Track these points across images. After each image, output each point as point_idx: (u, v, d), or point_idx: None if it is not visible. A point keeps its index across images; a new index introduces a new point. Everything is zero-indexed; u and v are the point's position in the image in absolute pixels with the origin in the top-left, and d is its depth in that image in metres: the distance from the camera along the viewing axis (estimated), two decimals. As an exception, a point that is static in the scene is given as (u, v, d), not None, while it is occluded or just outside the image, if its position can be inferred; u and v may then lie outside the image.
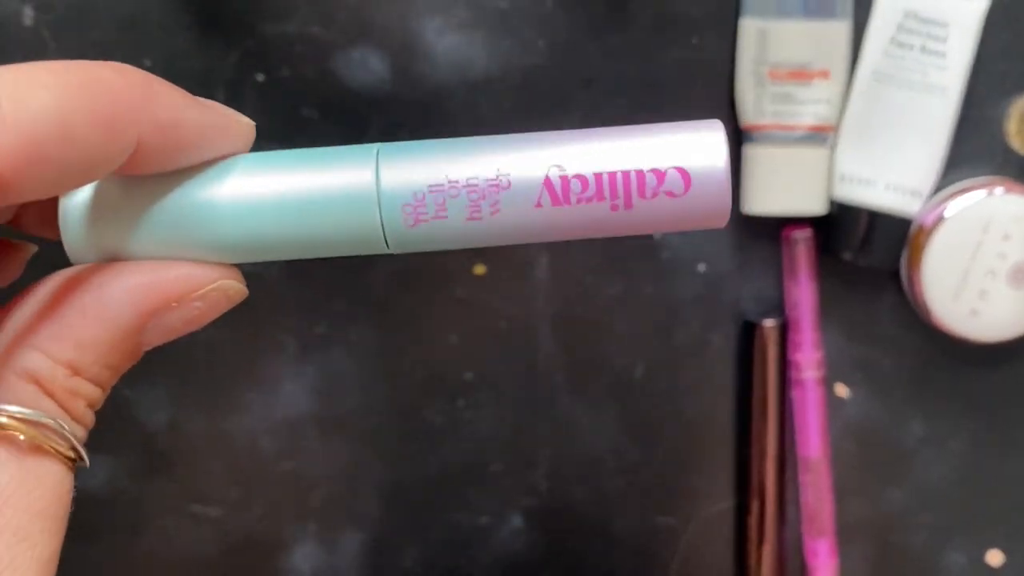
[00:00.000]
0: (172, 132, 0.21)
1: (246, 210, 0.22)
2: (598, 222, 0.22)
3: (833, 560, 0.42)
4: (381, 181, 0.22)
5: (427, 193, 0.22)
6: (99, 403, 0.22)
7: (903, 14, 0.38)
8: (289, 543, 0.42)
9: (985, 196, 0.38)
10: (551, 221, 0.22)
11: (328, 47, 0.38)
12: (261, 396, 0.41)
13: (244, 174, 0.22)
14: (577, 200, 0.22)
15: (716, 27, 0.39)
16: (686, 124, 0.23)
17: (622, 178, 0.22)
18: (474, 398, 0.42)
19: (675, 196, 0.22)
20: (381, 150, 0.23)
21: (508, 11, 0.39)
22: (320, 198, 0.22)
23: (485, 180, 0.22)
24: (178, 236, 0.22)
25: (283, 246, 0.23)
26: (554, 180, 0.22)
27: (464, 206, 0.22)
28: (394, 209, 0.22)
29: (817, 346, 0.41)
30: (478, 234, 0.22)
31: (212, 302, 0.22)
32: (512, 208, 0.22)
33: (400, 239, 0.22)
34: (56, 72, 0.18)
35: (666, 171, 0.22)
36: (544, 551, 0.43)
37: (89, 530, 0.42)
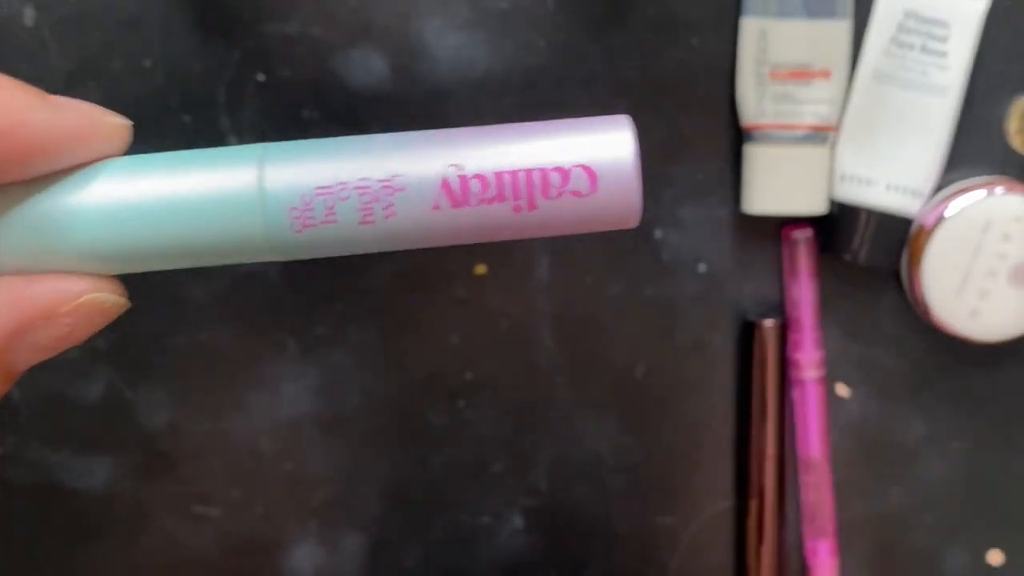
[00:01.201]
0: (15, 138, 0.19)
1: (118, 216, 0.20)
2: (501, 224, 0.21)
3: (833, 560, 0.42)
4: (265, 183, 0.20)
5: (314, 196, 0.20)
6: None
7: (903, 14, 0.38)
8: (290, 543, 0.42)
9: (985, 196, 0.38)
10: (450, 224, 0.21)
11: (329, 47, 0.39)
12: (262, 396, 0.41)
13: (115, 178, 0.21)
14: (478, 201, 0.20)
15: (716, 27, 0.39)
16: (593, 120, 0.21)
17: (524, 177, 0.20)
18: (475, 398, 0.42)
19: (581, 196, 0.20)
20: (267, 150, 0.21)
21: (509, 11, 0.39)
22: (199, 202, 0.20)
23: (378, 181, 0.20)
24: (45, 246, 0.20)
25: (160, 254, 0.21)
26: (452, 181, 0.20)
27: (355, 209, 0.20)
28: (279, 214, 0.20)
29: (818, 346, 0.41)
30: (372, 239, 0.21)
31: (84, 317, 0.21)
32: (408, 211, 0.20)
33: (287, 246, 0.21)
34: None
35: (571, 169, 0.20)
36: (544, 551, 0.43)
37: (90, 530, 0.42)
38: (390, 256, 0.40)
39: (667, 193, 0.40)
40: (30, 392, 0.40)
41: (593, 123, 0.21)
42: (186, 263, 0.21)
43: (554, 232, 0.21)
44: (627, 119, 0.21)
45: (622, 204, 0.21)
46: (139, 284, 0.40)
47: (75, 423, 0.41)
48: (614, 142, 0.21)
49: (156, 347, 0.40)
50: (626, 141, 0.21)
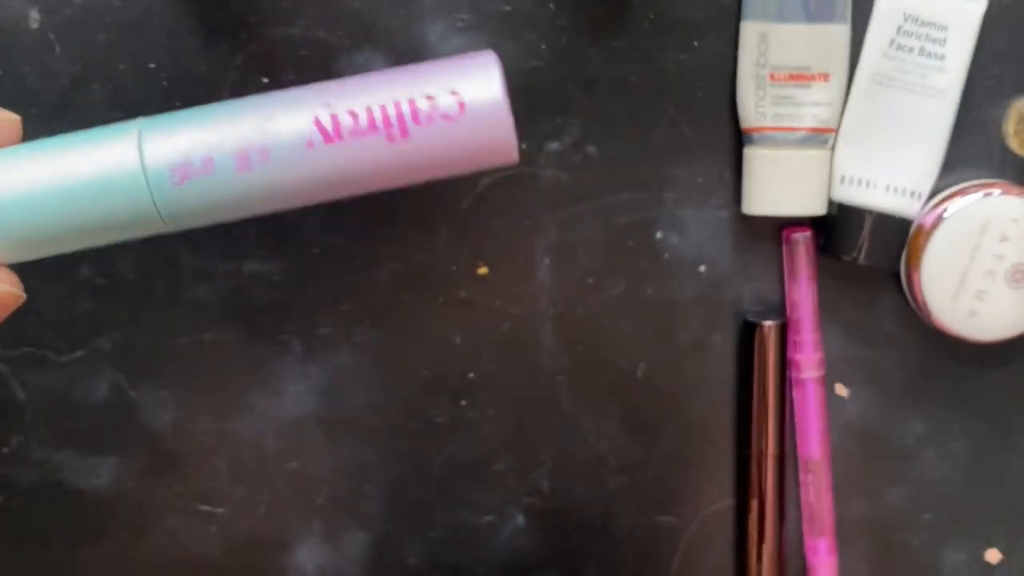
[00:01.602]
0: None
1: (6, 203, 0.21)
2: (378, 158, 0.21)
3: (833, 559, 0.42)
4: (144, 147, 0.21)
5: (192, 150, 0.21)
6: None
7: (902, 17, 0.38)
8: (293, 542, 0.42)
9: (983, 197, 0.38)
10: (327, 162, 0.21)
11: (333, 50, 0.39)
12: (265, 396, 0.41)
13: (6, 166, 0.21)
14: (350, 135, 0.21)
15: (717, 30, 0.39)
16: (459, 56, 0.22)
17: (394, 107, 0.21)
18: (477, 398, 0.42)
19: (451, 119, 0.21)
20: (144, 122, 0.21)
21: (511, 14, 0.39)
22: (80, 174, 0.21)
23: (251, 128, 0.21)
24: None
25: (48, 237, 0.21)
26: (323, 118, 0.21)
27: (232, 157, 0.21)
28: (159, 172, 0.21)
29: (817, 346, 0.41)
30: (253, 187, 0.21)
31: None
32: (283, 152, 0.21)
33: (171, 204, 0.21)
34: None
35: (437, 94, 0.21)
36: (546, 550, 0.43)
37: (94, 530, 0.42)
38: (393, 256, 0.41)
39: (668, 194, 0.40)
40: (35, 392, 0.40)
41: (459, 58, 0.21)
42: (84, 243, 0.21)
43: (435, 170, 0.21)
44: (492, 52, 0.21)
45: (494, 129, 0.21)
46: (142, 285, 0.41)
47: (80, 423, 0.41)
48: (480, 69, 0.21)
49: (160, 347, 0.40)
50: (491, 68, 0.21)
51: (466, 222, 0.40)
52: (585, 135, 0.40)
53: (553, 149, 0.40)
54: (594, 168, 0.40)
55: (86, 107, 0.38)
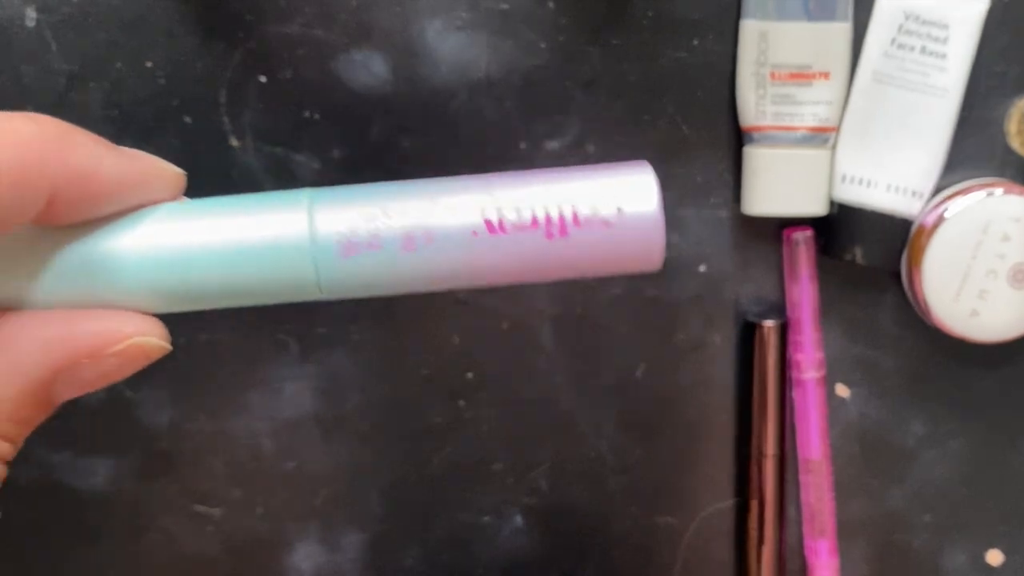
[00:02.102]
0: (89, 183, 0.20)
1: (169, 258, 0.21)
2: (535, 253, 0.22)
3: (834, 560, 0.42)
4: (314, 215, 0.22)
5: (360, 222, 0.21)
6: (10, 455, 0.21)
7: (903, 15, 0.38)
8: (291, 543, 0.42)
9: (985, 197, 0.38)
10: (488, 251, 0.22)
11: (330, 49, 0.39)
12: (263, 396, 0.41)
13: (167, 220, 0.22)
14: (513, 229, 0.22)
15: (717, 29, 0.39)
16: (619, 165, 0.23)
17: (557, 209, 0.22)
18: (475, 398, 0.42)
19: (609, 226, 0.22)
20: (315, 193, 0.22)
21: (509, 13, 0.39)
22: (249, 238, 0.21)
23: (419, 210, 0.22)
24: (95, 285, 0.21)
25: (208, 293, 0.22)
26: (489, 209, 0.22)
27: (399, 236, 0.21)
28: (327, 244, 0.21)
29: (818, 346, 0.41)
30: (413, 268, 0.22)
31: (128, 358, 0.21)
32: (447, 238, 0.22)
33: (332, 276, 0.22)
34: None
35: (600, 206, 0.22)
36: (545, 550, 0.43)
37: (91, 530, 0.42)
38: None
39: (668, 194, 0.40)
40: (32, 392, 0.40)
41: (618, 167, 0.23)
42: (234, 303, 0.22)
43: (584, 269, 0.22)
44: (647, 164, 0.23)
45: (646, 242, 0.22)
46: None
47: (77, 423, 0.41)
48: (639, 182, 0.23)
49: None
50: (649, 182, 0.23)
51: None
52: (584, 134, 0.40)
53: (552, 148, 0.40)
54: (593, 167, 0.40)
55: (83, 106, 0.38)
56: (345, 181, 0.40)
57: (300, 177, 0.39)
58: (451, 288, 0.23)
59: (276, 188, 0.23)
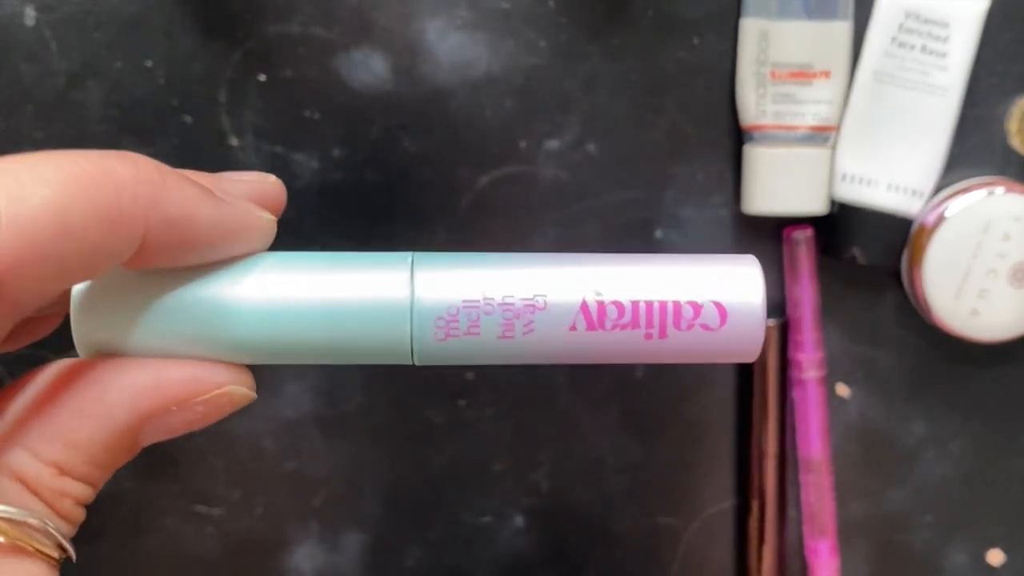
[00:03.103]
0: (183, 229, 0.20)
1: (266, 313, 0.21)
2: (631, 349, 0.22)
3: (834, 560, 0.42)
4: (416, 291, 0.21)
5: (461, 308, 0.21)
6: (90, 500, 0.21)
7: (904, 14, 0.38)
8: (291, 543, 0.42)
9: (985, 196, 0.38)
10: (584, 345, 0.22)
11: (330, 48, 0.39)
12: (263, 396, 0.41)
13: (266, 273, 0.21)
14: (612, 327, 0.21)
15: (717, 28, 0.39)
16: (724, 257, 0.23)
17: (659, 308, 0.22)
18: (475, 398, 0.42)
19: (710, 330, 0.22)
20: (416, 259, 0.22)
21: (510, 12, 0.39)
22: (348, 305, 0.21)
23: (521, 300, 0.21)
24: (190, 334, 0.21)
25: (300, 351, 0.22)
26: (590, 304, 0.21)
27: (498, 324, 0.21)
28: (426, 322, 0.21)
29: (818, 346, 0.41)
30: (508, 353, 0.22)
31: (215, 407, 0.21)
32: (546, 329, 0.21)
33: (427, 353, 0.22)
34: (60, 165, 0.18)
35: (703, 304, 0.22)
36: (545, 551, 0.43)
37: (91, 530, 0.41)
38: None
39: (668, 193, 0.40)
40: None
41: (725, 260, 0.22)
42: (322, 360, 0.22)
43: (677, 361, 0.22)
44: (755, 260, 0.22)
45: (747, 341, 0.22)
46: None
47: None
48: (745, 281, 0.22)
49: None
50: (756, 281, 0.22)
51: (465, 220, 0.40)
52: (585, 133, 0.40)
53: (553, 147, 0.40)
54: (594, 166, 0.40)
55: (83, 105, 0.38)
56: (345, 180, 0.40)
57: (300, 176, 0.39)
58: None
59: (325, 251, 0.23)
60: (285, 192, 0.24)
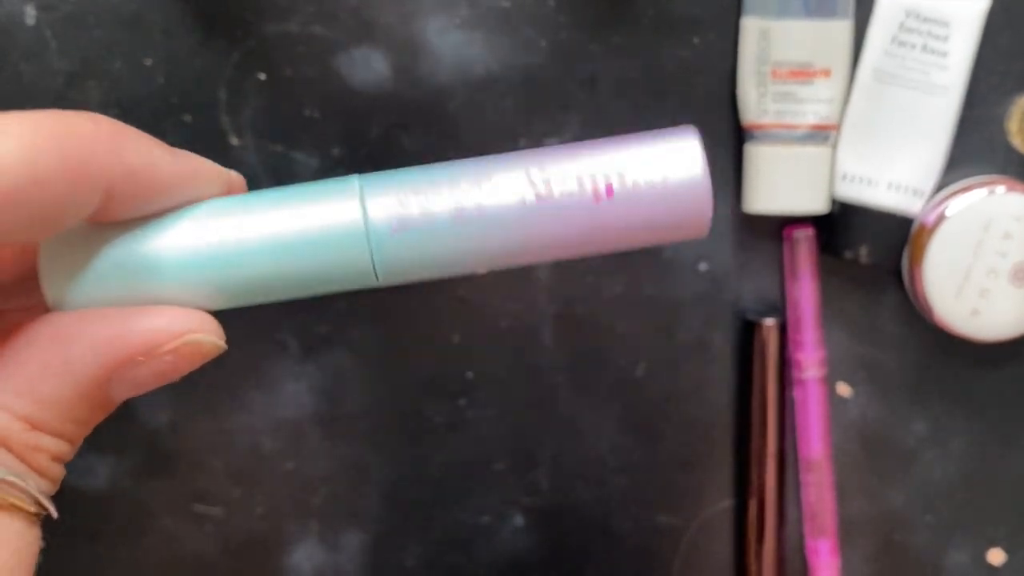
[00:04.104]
0: (143, 179, 0.21)
1: (221, 252, 0.22)
2: (584, 219, 0.23)
3: (835, 560, 0.42)
4: (366, 199, 0.22)
5: (410, 196, 0.22)
6: (68, 456, 0.21)
7: (904, 13, 0.38)
8: (291, 542, 0.42)
9: (986, 195, 0.38)
10: (537, 219, 0.22)
11: (330, 46, 0.39)
12: (263, 395, 0.41)
13: (219, 215, 0.22)
14: (560, 194, 0.22)
15: (717, 26, 0.39)
16: (664, 131, 0.23)
17: (604, 176, 0.23)
18: (476, 397, 0.42)
19: (654, 187, 0.23)
20: (364, 178, 0.23)
21: (510, 10, 0.39)
22: (304, 228, 0.22)
23: (468, 184, 0.22)
24: (152, 281, 0.22)
25: (262, 286, 0.22)
26: (536, 179, 0.22)
27: (449, 209, 0.22)
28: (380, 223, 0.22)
29: (819, 345, 0.41)
30: (466, 241, 0.22)
31: (184, 356, 0.22)
32: (497, 207, 0.22)
33: (387, 255, 0.22)
34: (24, 121, 0.19)
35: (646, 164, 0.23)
36: (545, 550, 0.43)
37: (91, 530, 0.42)
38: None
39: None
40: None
41: (663, 133, 0.23)
42: (289, 295, 0.23)
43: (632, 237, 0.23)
44: (693, 129, 0.23)
45: (694, 202, 0.23)
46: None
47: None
48: (683, 146, 0.23)
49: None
50: (694, 146, 0.23)
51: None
52: (585, 132, 0.40)
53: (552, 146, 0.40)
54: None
55: (83, 104, 0.38)
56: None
57: (300, 175, 0.39)
58: (505, 265, 0.23)
59: (275, 185, 0.23)
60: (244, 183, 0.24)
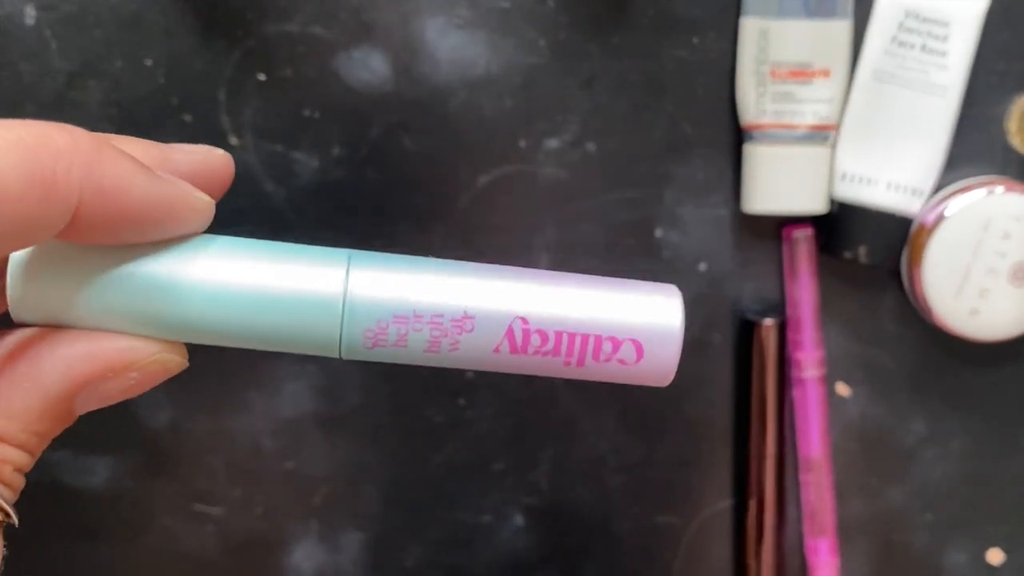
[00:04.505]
0: (116, 201, 0.20)
1: (203, 295, 0.22)
2: (550, 371, 0.23)
3: (834, 559, 0.42)
4: (348, 298, 0.22)
5: (391, 323, 0.22)
6: (28, 467, 0.21)
7: (904, 13, 0.38)
8: (291, 542, 0.42)
9: (985, 195, 0.38)
10: (505, 364, 0.23)
11: (330, 47, 0.39)
12: (263, 395, 0.41)
13: (204, 256, 0.22)
14: (534, 352, 0.22)
15: (717, 26, 0.39)
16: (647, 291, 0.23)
17: (580, 341, 0.22)
18: (475, 397, 0.42)
19: (626, 364, 0.23)
20: (352, 260, 0.22)
21: (509, 11, 0.39)
22: (282, 298, 0.22)
23: (450, 320, 0.22)
24: (125, 309, 0.21)
25: (232, 336, 0.22)
26: (516, 332, 0.22)
27: (425, 340, 0.22)
28: (355, 332, 0.22)
29: (818, 345, 0.41)
30: (431, 361, 0.23)
31: (149, 374, 0.22)
32: (471, 349, 0.22)
33: (355, 354, 0.22)
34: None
35: (623, 341, 0.23)
36: (545, 550, 0.43)
37: (91, 530, 0.42)
38: (391, 255, 0.40)
39: (667, 192, 0.40)
40: (31, 391, 0.40)
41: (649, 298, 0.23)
42: (253, 346, 0.23)
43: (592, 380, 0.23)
44: (677, 296, 0.23)
45: (660, 372, 0.23)
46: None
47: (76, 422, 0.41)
48: (664, 320, 0.23)
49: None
50: (674, 321, 0.23)
51: (464, 220, 0.40)
52: (584, 132, 0.40)
53: (552, 146, 0.40)
54: (593, 166, 0.40)
55: (83, 104, 0.38)
56: (345, 179, 0.40)
57: (300, 175, 0.39)
58: None
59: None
60: (232, 166, 0.24)
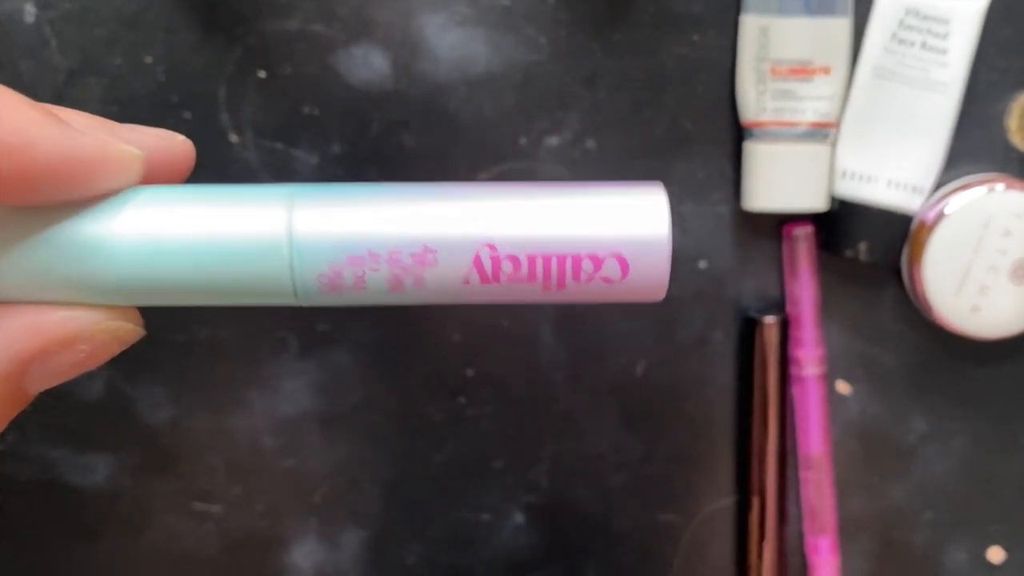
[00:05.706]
0: (23, 157, 0.18)
1: (138, 250, 0.20)
2: (526, 298, 0.20)
3: (834, 557, 0.42)
4: (294, 241, 0.20)
5: (345, 265, 0.20)
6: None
7: (904, 10, 0.38)
8: (291, 540, 0.42)
9: (986, 192, 0.38)
10: (477, 295, 0.20)
11: (330, 44, 0.39)
12: (263, 393, 0.41)
13: (139, 208, 0.20)
14: (507, 280, 0.20)
15: (717, 24, 0.39)
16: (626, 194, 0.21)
17: (556, 263, 0.20)
18: (476, 395, 0.42)
19: (611, 282, 0.20)
20: (295, 197, 0.20)
21: (510, 8, 0.39)
22: (223, 246, 0.20)
23: (409, 255, 0.20)
24: (58, 276, 0.20)
25: (178, 292, 0.21)
26: (484, 260, 0.20)
27: (384, 279, 0.20)
28: (308, 277, 0.20)
29: (818, 343, 0.41)
30: (398, 300, 0.20)
31: (100, 344, 0.20)
32: (437, 285, 0.20)
33: (313, 300, 0.20)
34: None
35: (604, 258, 0.20)
36: (545, 548, 0.43)
37: (91, 528, 0.42)
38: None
39: (668, 189, 0.40)
40: (31, 389, 0.40)
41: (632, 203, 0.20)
42: (203, 302, 0.21)
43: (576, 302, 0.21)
44: (663, 197, 0.20)
45: (650, 287, 0.20)
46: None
47: (76, 420, 0.41)
48: (648, 227, 0.20)
49: (156, 344, 0.40)
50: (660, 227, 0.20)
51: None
52: (585, 130, 0.40)
53: (552, 144, 0.40)
54: (594, 163, 0.40)
55: (82, 102, 0.38)
56: (345, 177, 0.40)
57: (300, 173, 0.39)
58: None
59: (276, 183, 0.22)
60: (193, 154, 0.23)
